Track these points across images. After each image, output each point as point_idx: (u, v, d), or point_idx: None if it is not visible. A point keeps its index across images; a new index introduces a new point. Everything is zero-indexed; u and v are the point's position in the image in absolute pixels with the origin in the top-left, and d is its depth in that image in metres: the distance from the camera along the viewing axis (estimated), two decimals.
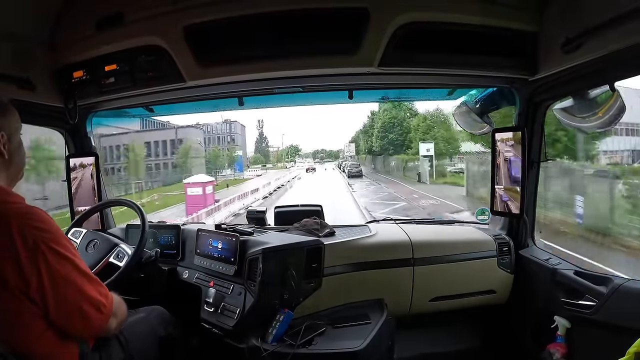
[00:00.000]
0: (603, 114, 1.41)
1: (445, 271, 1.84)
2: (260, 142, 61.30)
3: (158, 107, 2.02)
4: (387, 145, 30.97)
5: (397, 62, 1.47)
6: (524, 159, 1.69)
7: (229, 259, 1.64)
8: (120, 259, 1.54)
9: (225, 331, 1.52)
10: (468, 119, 2.02)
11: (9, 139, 0.97)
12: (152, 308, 1.42)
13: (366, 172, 32.75)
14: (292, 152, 66.04)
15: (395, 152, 30.02)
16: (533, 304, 1.78)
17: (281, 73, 1.56)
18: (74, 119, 1.71)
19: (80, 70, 1.63)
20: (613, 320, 1.36)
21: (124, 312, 1.10)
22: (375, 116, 35.04)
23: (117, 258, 1.55)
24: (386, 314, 1.65)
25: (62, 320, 0.91)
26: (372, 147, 35.28)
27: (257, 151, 61.53)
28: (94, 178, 2.01)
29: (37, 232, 0.88)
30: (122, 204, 1.87)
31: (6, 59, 1.43)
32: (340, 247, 1.75)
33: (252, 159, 57.42)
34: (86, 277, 0.95)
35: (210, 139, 46.64)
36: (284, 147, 60.21)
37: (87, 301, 0.93)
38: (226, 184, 28.46)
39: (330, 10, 1.40)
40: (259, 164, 55.69)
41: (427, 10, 1.40)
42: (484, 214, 2.17)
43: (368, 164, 40.06)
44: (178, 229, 1.91)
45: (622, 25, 1.06)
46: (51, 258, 0.88)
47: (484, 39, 1.45)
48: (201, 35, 1.46)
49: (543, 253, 1.82)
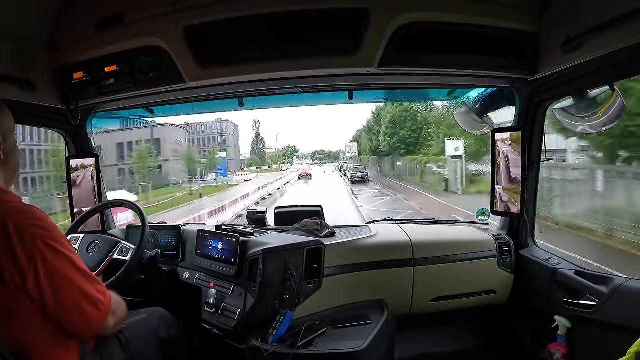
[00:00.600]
0: (603, 113, 1.41)
1: (446, 271, 1.84)
2: (256, 143, 58.88)
3: (158, 108, 2.02)
4: (397, 144, 26.38)
5: (397, 63, 1.47)
6: (524, 159, 1.69)
7: (229, 259, 1.64)
8: (125, 254, 1.54)
9: (225, 332, 1.52)
10: (468, 119, 2.02)
11: (4, 139, 0.97)
12: (153, 309, 1.42)
13: (372, 176, 27.79)
14: (290, 153, 63.14)
15: (408, 152, 25.18)
16: (533, 303, 1.78)
17: (281, 74, 1.56)
18: (75, 120, 1.71)
19: (81, 71, 1.63)
20: (613, 320, 1.36)
21: (123, 311, 1.09)
22: (383, 111, 30.06)
23: (122, 253, 1.55)
24: (387, 314, 1.65)
25: (60, 317, 0.90)
26: (379, 146, 30.91)
27: (253, 152, 59.06)
28: (94, 179, 2.01)
29: (34, 230, 0.88)
30: (122, 205, 1.87)
31: (6, 59, 1.42)
32: (340, 248, 1.75)
33: (247, 161, 55.11)
34: (84, 275, 0.95)
35: (201, 140, 43.82)
36: (280, 148, 57.99)
37: (85, 298, 0.93)
38: (199, 194, 23.57)
39: (330, 10, 1.40)
40: (255, 166, 52.96)
41: (427, 10, 1.40)
42: (484, 214, 2.17)
43: (372, 166, 35.46)
44: (178, 230, 1.90)
45: (622, 25, 1.06)
46: (48, 255, 0.88)
47: (484, 39, 1.45)
48: (201, 36, 1.46)
49: (543, 253, 1.82)
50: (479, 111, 1.96)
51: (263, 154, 56.58)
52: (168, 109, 2.07)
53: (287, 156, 60.60)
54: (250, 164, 53.61)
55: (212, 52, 1.49)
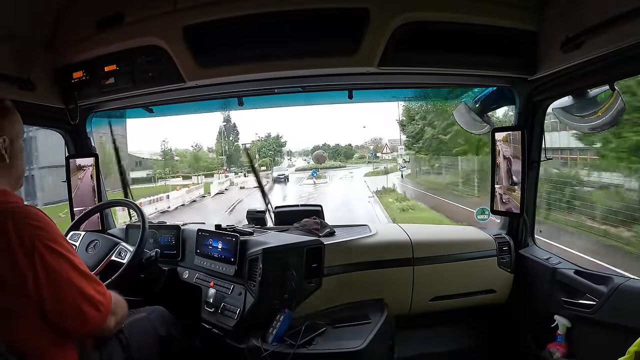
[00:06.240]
0: (602, 113, 1.41)
1: (446, 271, 1.84)
2: (225, 136, 25.79)
3: (158, 108, 2.02)
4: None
5: (396, 62, 1.47)
6: (523, 159, 1.69)
7: (229, 259, 1.64)
8: (123, 256, 1.54)
9: (225, 331, 1.52)
10: (468, 119, 2.02)
11: (11, 142, 0.97)
12: (152, 308, 1.42)
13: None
14: (271, 148, 25.88)
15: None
16: (533, 303, 1.78)
17: (281, 73, 1.56)
18: (74, 119, 1.72)
19: (80, 71, 1.64)
20: (613, 319, 1.36)
21: (124, 311, 1.09)
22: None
23: (119, 256, 1.55)
24: (386, 313, 1.65)
25: (60, 318, 0.90)
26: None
27: (222, 150, 26.95)
28: (93, 179, 2.01)
29: (34, 231, 0.87)
30: (122, 204, 1.87)
31: (6, 59, 1.43)
32: (340, 247, 1.75)
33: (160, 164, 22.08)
34: (84, 276, 0.94)
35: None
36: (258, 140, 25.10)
37: (85, 300, 0.93)
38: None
39: (329, 10, 1.40)
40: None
41: (426, 10, 1.40)
42: (484, 213, 2.17)
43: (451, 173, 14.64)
44: (178, 230, 1.91)
45: (622, 24, 1.06)
46: (48, 257, 0.87)
47: (484, 39, 1.45)
48: (200, 35, 1.46)
49: (543, 252, 1.82)
50: (479, 111, 1.96)
51: (234, 149, 24.53)
52: (167, 108, 2.07)
53: (268, 152, 25.34)
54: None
55: (211, 51, 1.49)
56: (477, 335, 2.04)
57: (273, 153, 25.11)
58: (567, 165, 8.70)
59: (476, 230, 2.04)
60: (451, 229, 2.22)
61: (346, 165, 24.20)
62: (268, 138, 25.49)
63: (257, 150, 24.18)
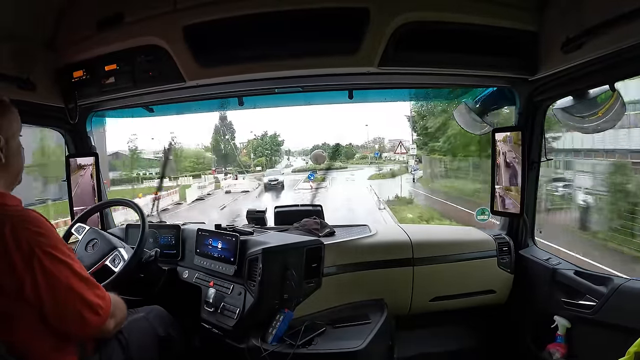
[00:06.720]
0: (603, 113, 1.41)
1: (445, 271, 1.84)
2: (221, 133, 23.11)
3: (158, 107, 2.03)
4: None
5: (397, 62, 1.47)
6: (524, 159, 1.69)
7: (228, 259, 1.64)
8: (116, 264, 1.50)
9: (225, 331, 1.52)
10: (468, 119, 2.02)
11: (7, 141, 0.95)
12: (151, 308, 1.42)
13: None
14: (267, 148, 22.66)
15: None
16: (533, 303, 1.78)
17: (281, 73, 1.56)
18: (74, 118, 1.72)
19: (81, 70, 1.64)
20: (613, 320, 1.36)
21: (123, 313, 1.09)
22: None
23: (113, 263, 1.51)
24: (386, 313, 1.65)
25: (60, 322, 0.90)
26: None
27: (214, 150, 23.43)
28: (93, 178, 2.02)
29: (33, 236, 0.87)
30: (123, 204, 1.87)
31: (6, 59, 1.43)
32: (340, 247, 1.75)
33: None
34: (84, 281, 0.94)
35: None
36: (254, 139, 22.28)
37: (86, 305, 0.93)
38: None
39: (330, 10, 1.40)
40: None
41: (427, 10, 1.40)
42: (484, 213, 2.16)
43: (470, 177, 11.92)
44: (178, 229, 1.90)
45: (622, 25, 1.06)
46: (47, 262, 0.87)
47: (484, 39, 1.45)
48: (201, 35, 1.46)
49: (543, 253, 1.82)
50: (479, 111, 1.96)
51: (230, 148, 22.27)
52: (168, 107, 2.07)
53: (265, 152, 23.18)
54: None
55: (211, 51, 1.49)
56: (476, 335, 2.04)
57: (270, 152, 22.88)
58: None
59: (476, 231, 2.04)
60: (451, 229, 2.22)
61: (347, 166, 22.34)
62: (265, 137, 23.13)
63: (252, 149, 22.27)
